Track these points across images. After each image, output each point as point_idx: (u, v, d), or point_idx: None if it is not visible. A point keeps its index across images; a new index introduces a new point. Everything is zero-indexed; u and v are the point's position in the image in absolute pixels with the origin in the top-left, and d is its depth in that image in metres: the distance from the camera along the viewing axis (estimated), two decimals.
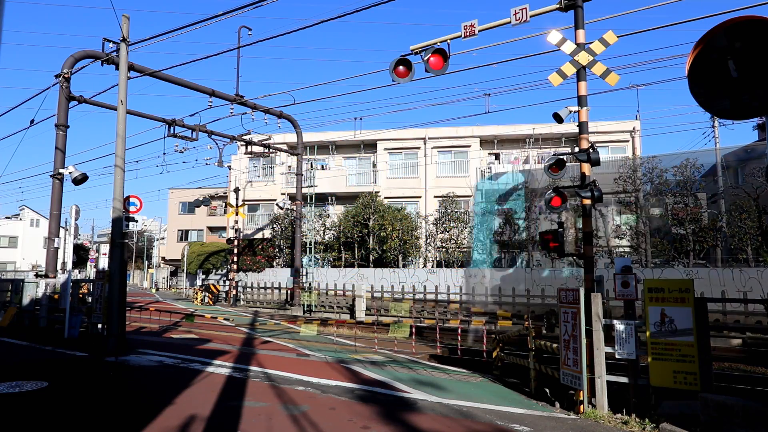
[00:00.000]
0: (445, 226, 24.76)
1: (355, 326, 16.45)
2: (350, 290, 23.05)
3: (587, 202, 7.39)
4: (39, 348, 10.36)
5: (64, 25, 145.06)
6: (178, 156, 57.97)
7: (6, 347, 10.55)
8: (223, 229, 41.77)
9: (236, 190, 28.57)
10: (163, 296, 36.15)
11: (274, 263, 28.66)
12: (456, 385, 8.04)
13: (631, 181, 21.84)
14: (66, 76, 15.15)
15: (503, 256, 23.80)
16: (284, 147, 27.81)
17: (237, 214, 28.36)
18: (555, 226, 7.96)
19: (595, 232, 20.62)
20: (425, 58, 8.52)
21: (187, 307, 23.42)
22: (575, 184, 7.84)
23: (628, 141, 28.35)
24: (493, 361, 9.68)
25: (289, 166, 31.30)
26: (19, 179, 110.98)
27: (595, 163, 7.21)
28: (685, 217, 19.94)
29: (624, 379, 6.17)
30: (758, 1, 8.34)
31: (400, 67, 8.73)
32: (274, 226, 29.03)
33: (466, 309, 20.12)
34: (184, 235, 47.52)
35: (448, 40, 8.52)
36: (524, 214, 23.20)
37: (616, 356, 6.10)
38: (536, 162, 27.73)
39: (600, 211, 21.24)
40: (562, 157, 7.72)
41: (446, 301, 21.27)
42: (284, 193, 30.36)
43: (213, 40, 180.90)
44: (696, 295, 5.70)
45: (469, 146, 29.74)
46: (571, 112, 7.46)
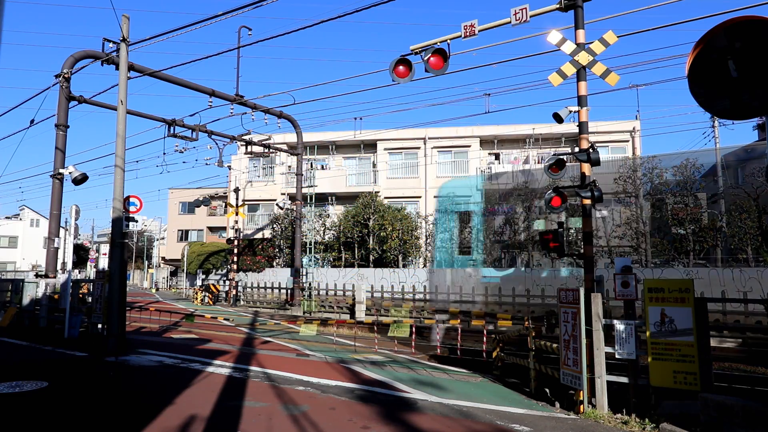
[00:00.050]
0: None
1: (355, 326, 16.42)
2: (350, 290, 23.05)
3: (587, 202, 7.39)
4: (39, 348, 10.37)
5: (64, 25, 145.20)
6: (178, 156, 58.00)
7: (6, 347, 10.56)
8: (223, 229, 41.76)
9: (236, 190, 28.57)
10: (163, 296, 36.15)
11: (274, 263, 28.65)
12: (456, 385, 8.04)
13: (631, 181, 21.85)
14: (66, 76, 15.16)
15: (503, 256, 23.79)
16: (284, 147, 27.80)
17: (237, 214, 28.35)
18: (553, 226, 7.96)
19: (596, 232, 20.63)
20: (425, 58, 8.52)
21: (187, 307, 23.41)
22: (575, 184, 7.84)
23: (628, 141, 28.37)
24: (493, 361, 9.67)
25: (289, 166, 31.29)
26: (19, 179, 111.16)
27: (595, 163, 7.21)
28: (685, 217, 19.94)
29: (624, 379, 6.17)
30: (758, 1, 8.35)
31: (400, 67, 8.73)
32: (274, 226, 29.02)
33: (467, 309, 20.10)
34: (184, 235, 47.53)
35: (448, 40, 8.52)
36: (524, 214, 23.20)
37: (616, 356, 6.11)
38: (536, 162, 27.73)
39: (600, 211, 21.24)
40: (562, 157, 7.72)
41: (446, 300, 21.25)
42: (284, 193, 30.36)
43: (213, 40, 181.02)
44: (696, 295, 5.70)
45: (469, 146, 29.76)
46: (571, 112, 7.46)
